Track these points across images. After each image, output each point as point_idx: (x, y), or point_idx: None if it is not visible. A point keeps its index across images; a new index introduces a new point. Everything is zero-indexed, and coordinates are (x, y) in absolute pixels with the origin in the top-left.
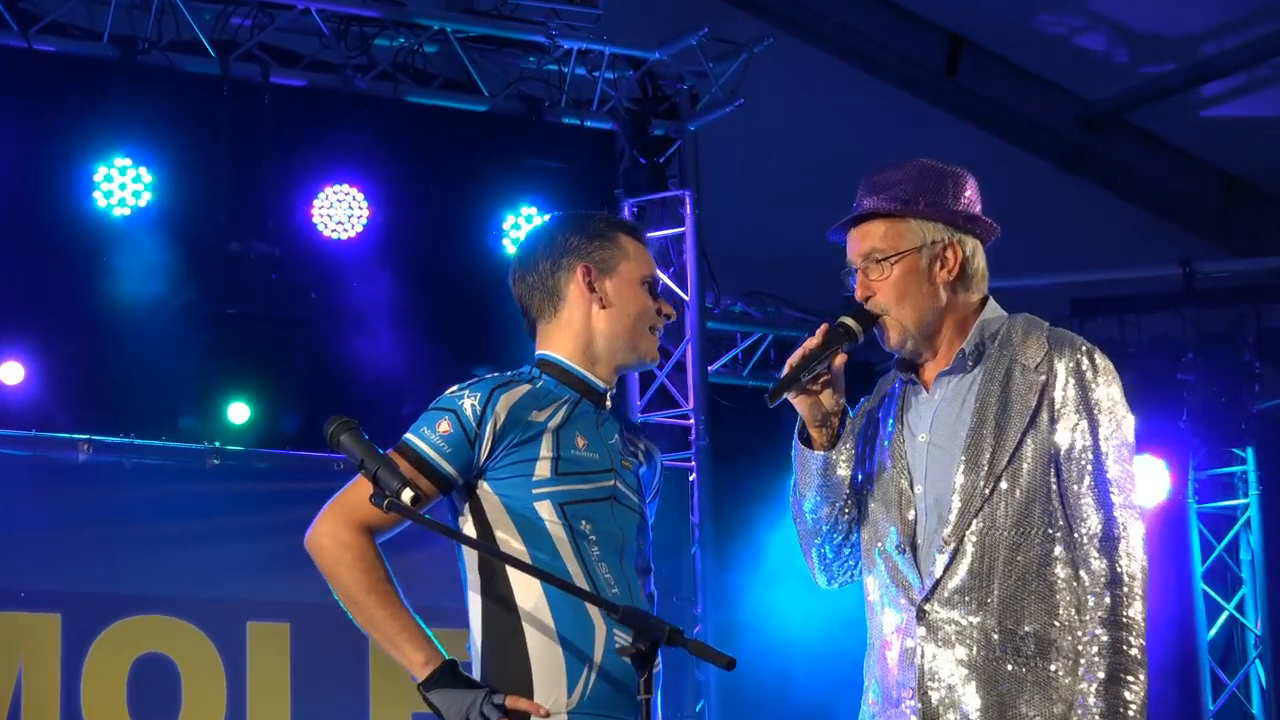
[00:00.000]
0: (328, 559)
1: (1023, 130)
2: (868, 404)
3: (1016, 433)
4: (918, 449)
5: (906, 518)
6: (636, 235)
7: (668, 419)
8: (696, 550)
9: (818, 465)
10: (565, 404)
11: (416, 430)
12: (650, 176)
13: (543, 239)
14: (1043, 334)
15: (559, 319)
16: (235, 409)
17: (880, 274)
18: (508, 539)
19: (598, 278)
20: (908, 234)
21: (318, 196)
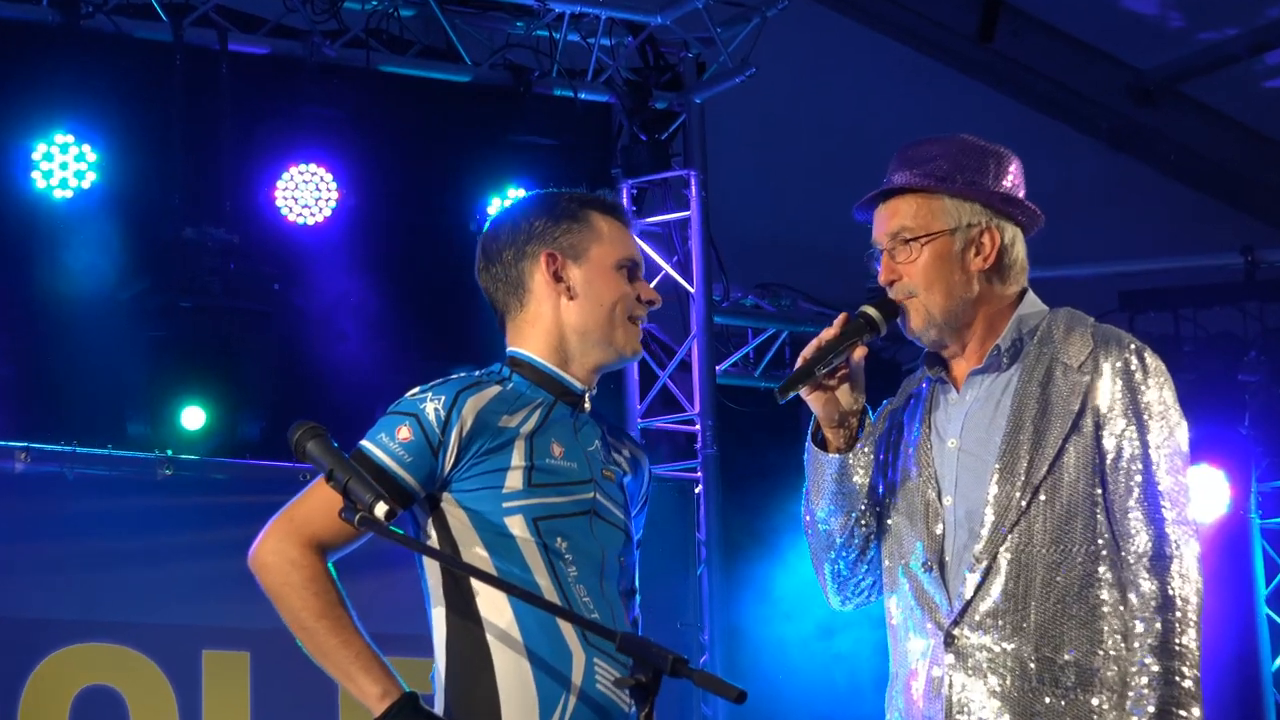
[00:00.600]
0: (274, 579)
1: (1066, 103)
2: (891, 405)
3: (1057, 439)
4: (947, 455)
5: (934, 532)
6: (613, 213)
7: (671, 425)
8: (703, 571)
9: (832, 469)
10: (539, 407)
11: (373, 437)
12: (652, 155)
13: (505, 224)
14: (1087, 330)
15: (526, 313)
16: (190, 413)
17: (908, 256)
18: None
19: (564, 265)
20: (941, 213)
21: (281, 177)
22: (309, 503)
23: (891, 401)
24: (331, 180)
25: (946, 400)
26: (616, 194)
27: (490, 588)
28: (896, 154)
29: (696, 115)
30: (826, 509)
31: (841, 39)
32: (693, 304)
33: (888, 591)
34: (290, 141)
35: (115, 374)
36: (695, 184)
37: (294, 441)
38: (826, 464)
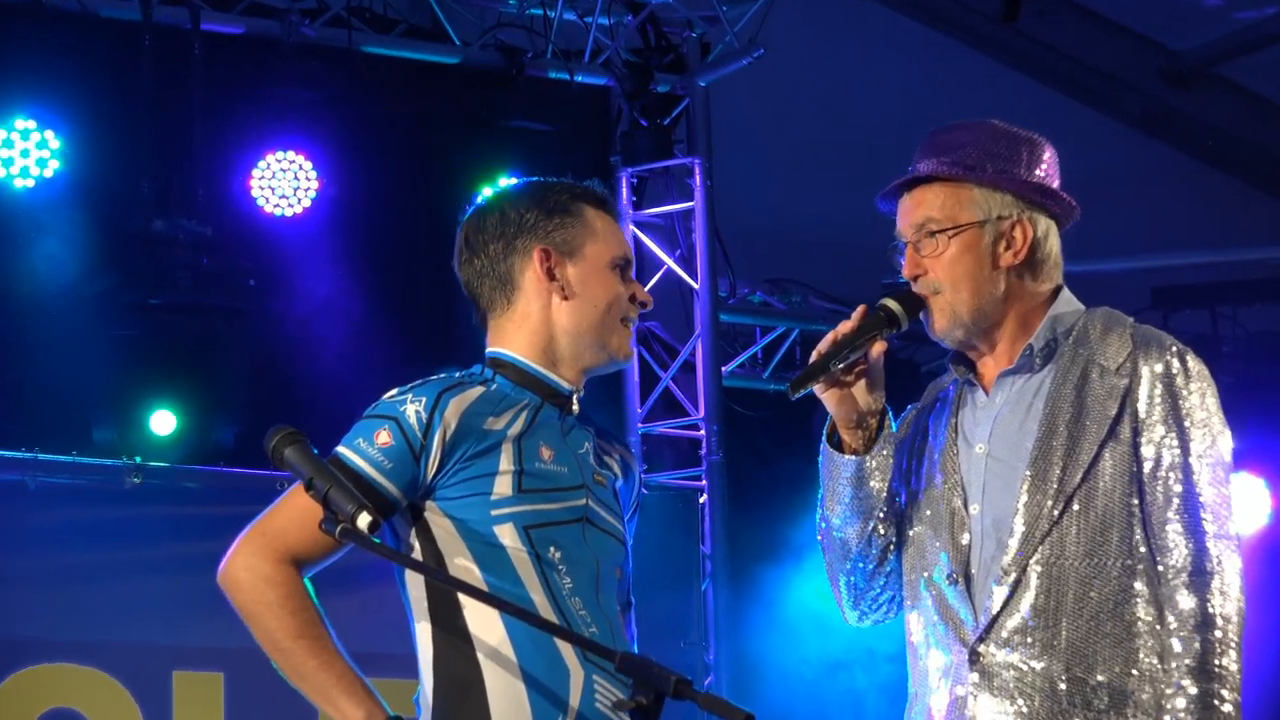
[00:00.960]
0: (246, 597)
1: (1094, 86)
2: (916, 409)
3: (1092, 445)
4: (974, 461)
5: (959, 542)
6: (605, 207)
7: (674, 430)
8: (708, 586)
9: (849, 472)
10: (525, 409)
11: (350, 442)
12: (653, 141)
13: (491, 215)
14: (1126, 331)
15: (513, 312)
16: (159, 418)
17: (933, 249)
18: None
19: (558, 262)
20: (969, 204)
21: (257, 166)
22: (284, 513)
23: (917, 405)
24: (311, 169)
25: (974, 403)
26: (615, 183)
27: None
28: (923, 140)
29: (701, 99)
30: (842, 516)
31: (856, 18)
32: (697, 301)
33: (908, 605)
34: (267, 127)
35: (80, 376)
36: (699, 172)
37: (271, 448)
38: (842, 466)
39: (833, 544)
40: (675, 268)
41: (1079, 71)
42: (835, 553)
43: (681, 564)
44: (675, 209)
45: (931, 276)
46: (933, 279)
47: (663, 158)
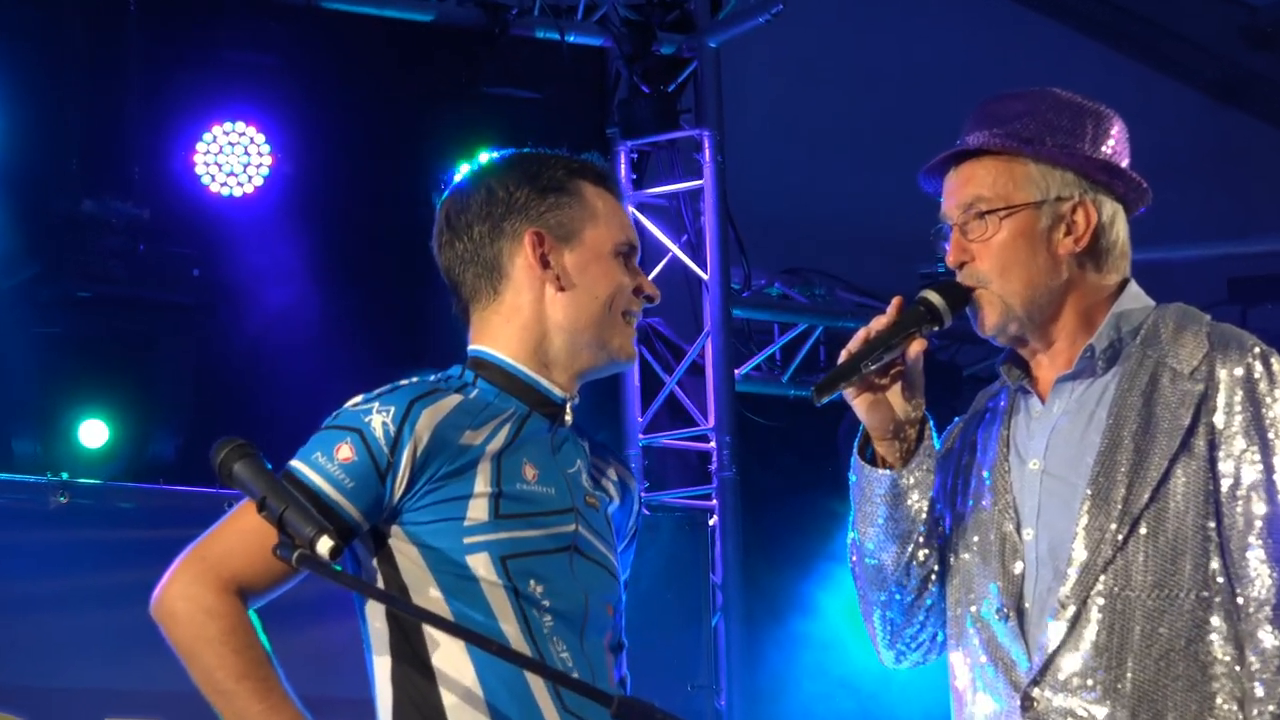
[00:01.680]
0: (184, 632)
1: (1163, 49)
2: (963, 421)
3: (1162, 460)
4: (1028, 479)
5: (1011, 571)
6: (606, 184)
7: (680, 442)
8: (719, 620)
9: (883, 489)
10: (509, 420)
11: (306, 456)
12: (656, 111)
13: (476, 192)
14: (1201, 330)
15: (500, 304)
16: (89, 428)
17: (982, 232)
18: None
19: (554, 248)
20: (1025, 182)
21: (202, 139)
22: (227, 536)
23: (964, 417)
24: (263, 142)
25: (1028, 413)
26: (613, 158)
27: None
28: (975, 110)
29: (710, 63)
30: (877, 539)
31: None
32: (706, 294)
33: (952, 644)
34: (213, 95)
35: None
36: (709, 147)
37: (218, 462)
38: (876, 483)
39: (866, 572)
40: (681, 256)
41: (1145, 32)
42: (868, 582)
43: (688, 596)
44: (681, 188)
45: (979, 264)
46: (980, 267)
47: (667, 130)
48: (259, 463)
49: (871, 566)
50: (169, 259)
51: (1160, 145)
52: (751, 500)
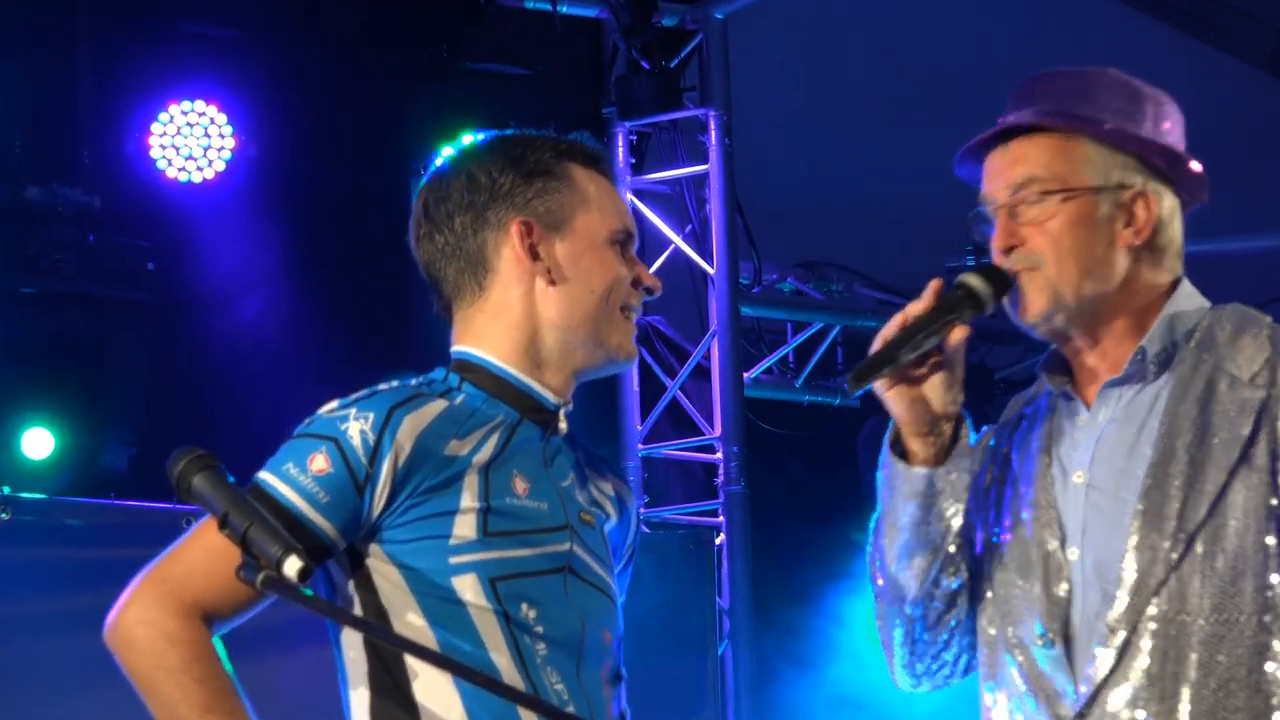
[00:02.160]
0: (142, 660)
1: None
2: (995, 429)
3: (1220, 473)
4: (1072, 493)
5: (1054, 593)
6: (598, 167)
7: (683, 452)
8: (726, 649)
9: (915, 488)
10: (497, 428)
11: (276, 468)
12: (657, 89)
13: (456, 178)
14: (1262, 333)
15: (486, 301)
16: (34, 438)
17: (1036, 214)
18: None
19: (543, 237)
20: (1083, 164)
21: (158, 120)
22: (189, 555)
23: (995, 425)
24: (225, 123)
25: (1073, 420)
26: (610, 140)
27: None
28: (1019, 86)
29: (717, 36)
30: (902, 547)
31: None
32: (712, 290)
33: (986, 671)
34: (170, 72)
35: None
36: (715, 128)
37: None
38: (908, 480)
39: (888, 583)
40: (685, 248)
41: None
42: (889, 596)
43: (692, 622)
44: (685, 174)
45: (1031, 248)
46: (1033, 250)
47: (669, 109)
48: (221, 475)
49: (895, 578)
50: (122, 251)
51: (1212, 127)
52: (761, 517)
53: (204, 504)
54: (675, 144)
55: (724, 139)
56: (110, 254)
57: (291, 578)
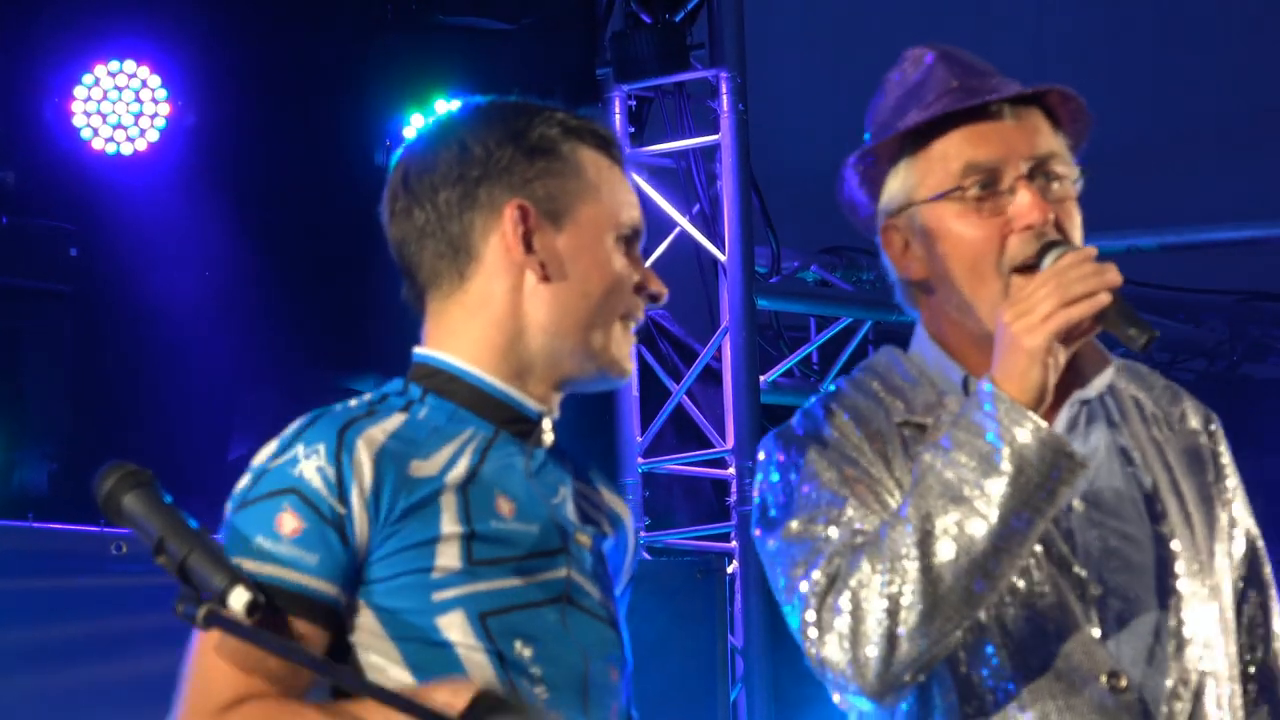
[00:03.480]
0: None
1: None
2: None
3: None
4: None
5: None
6: (609, 151)
7: (691, 467)
8: (739, 693)
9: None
10: (469, 442)
11: (243, 548)
12: (660, 47)
13: (445, 147)
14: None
15: (465, 293)
16: None
17: (1061, 194)
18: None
19: (540, 226)
20: (1066, 152)
21: (81, 82)
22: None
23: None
24: (159, 86)
25: None
26: (605, 107)
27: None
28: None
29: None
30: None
31: None
32: (724, 279)
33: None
34: (93, 26)
35: None
36: (728, 92)
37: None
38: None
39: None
40: (692, 230)
41: None
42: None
43: (700, 662)
44: (692, 145)
45: (1065, 233)
46: (1066, 236)
47: (674, 70)
48: (156, 494)
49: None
50: (39, 235)
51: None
52: None
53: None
54: (681, 111)
55: (737, 105)
56: (26, 238)
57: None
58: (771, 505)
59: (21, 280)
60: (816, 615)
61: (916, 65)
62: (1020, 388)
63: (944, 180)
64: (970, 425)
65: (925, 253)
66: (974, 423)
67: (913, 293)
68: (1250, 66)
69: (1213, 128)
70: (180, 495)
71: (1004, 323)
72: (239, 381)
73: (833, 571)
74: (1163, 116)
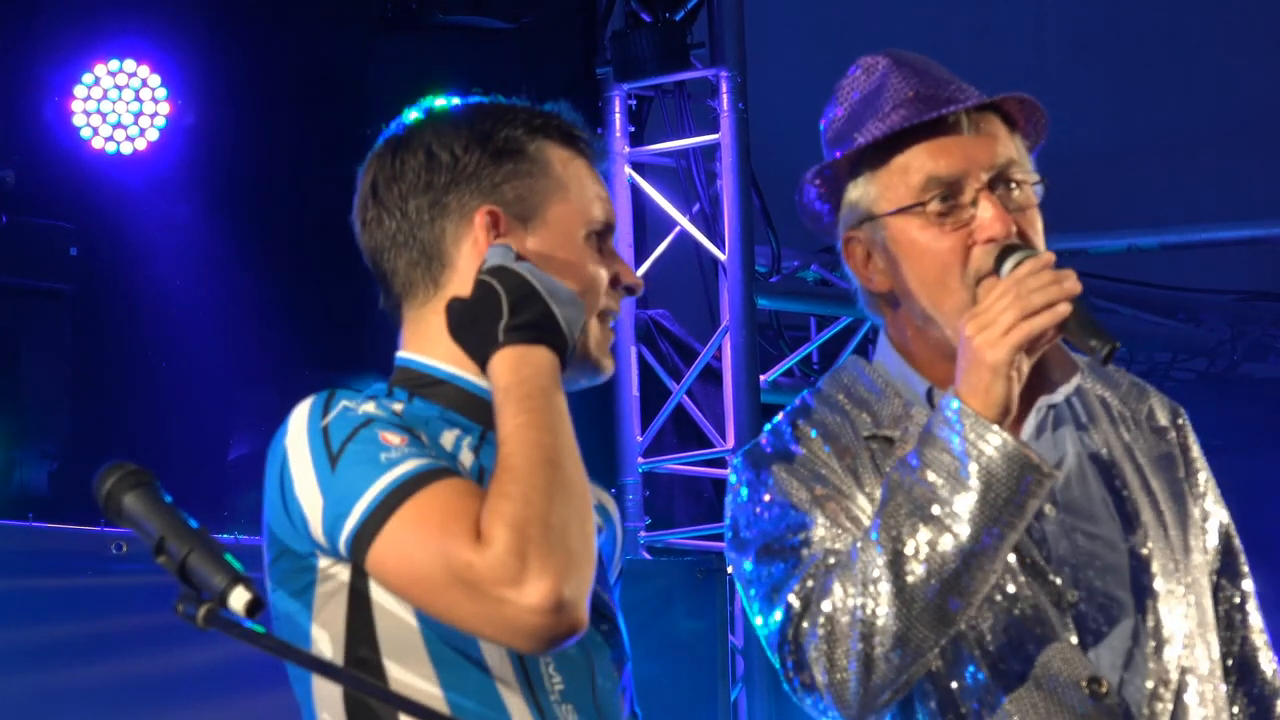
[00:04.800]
0: None
1: None
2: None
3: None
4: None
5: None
6: (576, 145)
7: (691, 467)
8: (739, 693)
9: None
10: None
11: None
12: (661, 46)
13: (412, 154)
14: None
15: (441, 299)
16: None
17: (1022, 202)
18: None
19: (511, 230)
20: (1026, 158)
21: (81, 82)
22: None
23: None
24: (159, 85)
25: None
26: (605, 106)
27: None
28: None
29: None
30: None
31: None
32: (724, 279)
33: None
34: (95, 27)
35: None
36: (728, 92)
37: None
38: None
39: (929, 594)
40: (692, 230)
41: None
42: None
43: (701, 663)
44: (692, 144)
45: (1027, 241)
46: (1029, 244)
47: (674, 69)
48: (156, 494)
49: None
50: (39, 234)
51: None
52: None
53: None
54: (681, 110)
55: (738, 104)
56: (26, 237)
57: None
58: (743, 526)
59: (21, 280)
60: (793, 640)
61: (870, 74)
62: (984, 403)
63: (905, 195)
64: (936, 441)
65: (888, 265)
66: (940, 439)
67: (876, 303)
68: (1252, 66)
69: (1213, 128)
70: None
71: (966, 336)
72: (236, 380)
73: (805, 595)
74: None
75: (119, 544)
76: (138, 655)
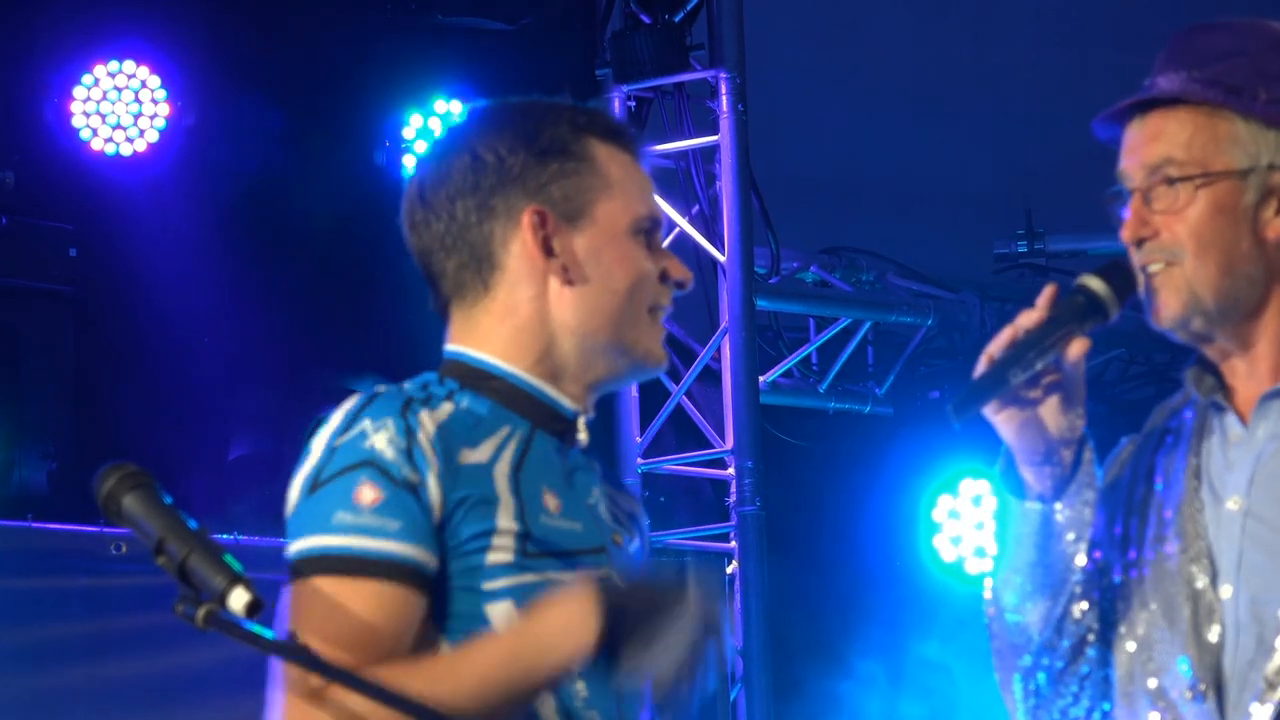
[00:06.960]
0: None
1: None
2: (1134, 443)
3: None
4: (1225, 521)
5: (1205, 639)
6: (621, 141)
7: (690, 468)
8: (739, 693)
9: (1032, 525)
10: (510, 438)
11: (321, 526)
12: (660, 47)
13: (458, 156)
14: None
15: (492, 301)
16: None
17: (1172, 202)
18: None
19: (559, 229)
20: (1229, 144)
21: (80, 83)
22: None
23: (1134, 437)
24: (159, 86)
25: (1225, 436)
26: (603, 106)
27: None
28: (1169, 43)
29: None
30: (1022, 589)
31: None
32: (723, 280)
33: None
34: (94, 27)
35: None
36: (727, 93)
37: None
38: (1023, 519)
39: (1005, 631)
40: (691, 232)
41: None
42: (1008, 642)
43: None
44: (692, 145)
45: (1166, 240)
46: (1168, 243)
47: (673, 71)
48: (156, 495)
49: (1013, 625)
50: (39, 235)
51: None
52: (779, 542)
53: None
54: (680, 111)
55: (737, 105)
56: (26, 238)
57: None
58: None
59: (21, 280)
60: None
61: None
62: None
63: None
64: None
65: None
66: None
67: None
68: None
69: None
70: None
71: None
72: (236, 381)
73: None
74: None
75: (118, 544)
76: (137, 655)
